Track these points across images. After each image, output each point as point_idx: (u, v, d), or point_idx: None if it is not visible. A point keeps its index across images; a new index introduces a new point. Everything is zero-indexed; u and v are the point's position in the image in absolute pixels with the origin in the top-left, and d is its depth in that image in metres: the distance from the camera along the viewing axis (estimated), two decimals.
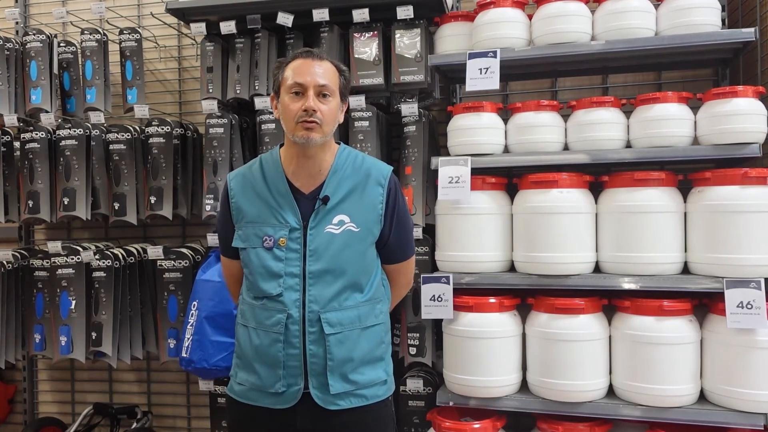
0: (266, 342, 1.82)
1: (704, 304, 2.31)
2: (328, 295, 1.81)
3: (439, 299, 2.42)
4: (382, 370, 1.90)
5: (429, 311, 2.44)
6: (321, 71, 1.80)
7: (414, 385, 2.69)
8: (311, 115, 1.76)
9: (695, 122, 2.36)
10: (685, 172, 2.40)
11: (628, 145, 2.44)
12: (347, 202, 1.84)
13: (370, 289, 1.89)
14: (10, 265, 3.04)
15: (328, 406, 1.80)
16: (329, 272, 1.81)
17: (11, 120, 2.94)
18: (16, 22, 3.44)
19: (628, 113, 2.46)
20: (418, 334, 2.64)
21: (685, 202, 2.35)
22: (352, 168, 1.88)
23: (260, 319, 1.84)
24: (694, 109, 2.38)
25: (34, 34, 3.01)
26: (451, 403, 2.44)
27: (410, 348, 2.65)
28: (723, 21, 2.51)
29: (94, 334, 2.88)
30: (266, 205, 1.85)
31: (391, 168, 1.94)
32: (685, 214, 2.34)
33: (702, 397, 2.28)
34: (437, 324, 2.62)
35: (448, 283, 2.41)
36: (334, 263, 1.81)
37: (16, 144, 3.06)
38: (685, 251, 2.34)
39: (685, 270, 2.35)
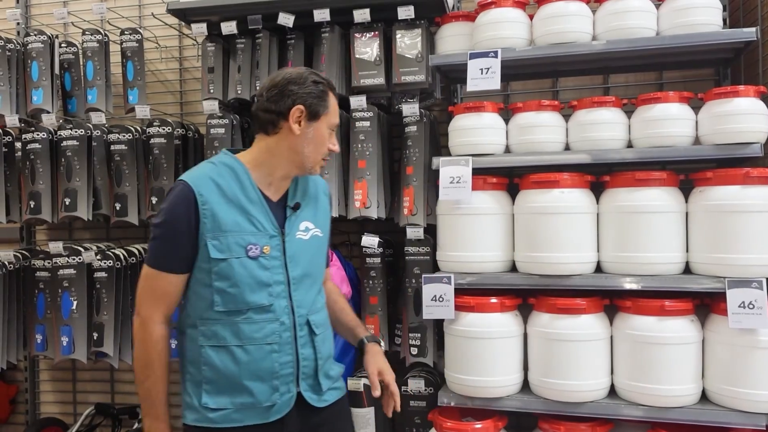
0: (259, 356, 1.77)
1: (706, 304, 2.31)
2: (309, 299, 1.87)
3: (441, 299, 2.42)
4: (336, 365, 2.01)
5: (430, 311, 2.44)
6: None
7: (415, 385, 2.68)
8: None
9: (696, 122, 2.36)
10: (687, 171, 2.40)
11: (630, 145, 2.44)
12: (307, 209, 1.91)
13: (323, 291, 2.00)
14: (12, 265, 3.04)
15: (320, 404, 1.86)
16: (307, 276, 1.86)
17: (12, 120, 2.95)
18: (18, 23, 3.44)
19: (629, 113, 2.46)
20: (419, 335, 2.64)
21: (686, 202, 2.34)
22: (302, 178, 1.93)
23: (247, 333, 1.76)
24: (696, 108, 2.38)
25: (35, 35, 3.01)
26: (452, 404, 2.44)
27: (411, 348, 2.65)
28: (724, 21, 2.51)
29: (95, 335, 2.88)
30: (242, 212, 1.78)
31: None
32: (687, 214, 2.34)
33: (704, 397, 2.27)
34: (438, 324, 2.62)
35: (450, 283, 2.41)
36: (309, 267, 1.87)
37: (18, 145, 3.06)
38: (687, 251, 2.33)
39: (687, 270, 2.35)
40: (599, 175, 2.44)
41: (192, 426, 1.82)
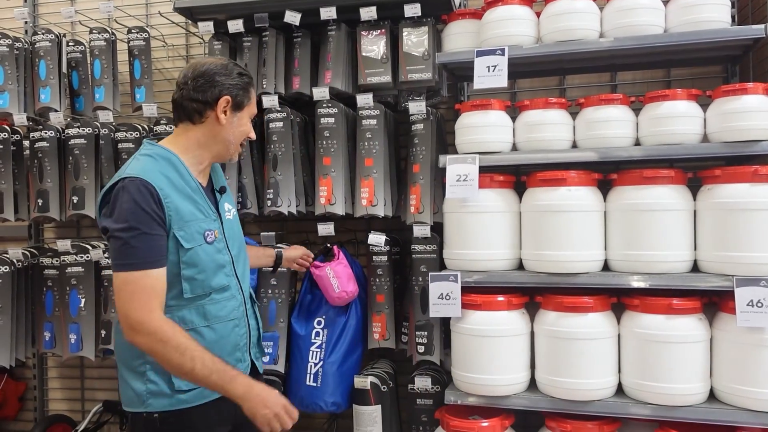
0: (225, 332, 1.89)
1: (714, 303, 2.30)
2: (246, 273, 2.04)
3: (447, 297, 2.42)
4: None
5: (437, 309, 2.44)
6: None
7: (422, 383, 2.68)
8: None
9: (705, 119, 2.35)
10: (695, 169, 2.39)
11: (637, 143, 2.43)
12: (224, 192, 2.04)
13: None
14: (20, 263, 3.06)
15: (261, 370, 2.07)
16: (241, 252, 2.03)
17: (20, 119, 2.96)
18: (26, 22, 3.46)
19: (636, 111, 2.45)
20: (426, 333, 2.64)
21: (694, 199, 2.33)
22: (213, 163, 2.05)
23: (213, 313, 1.87)
24: (704, 106, 2.36)
25: (43, 34, 3.02)
26: (459, 402, 2.44)
27: (418, 346, 2.65)
28: (732, 17, 2.50)
29: (103, 332, 2.89)
30: (192, 201, 1.86)
31: None
32: (695, 212, 2.33)
33: (712, 396, 2.27)
34: (445, 322, 2.62)
35: (456, 281, 2.41)
36: (241, 244, 2.05)
37: (26, 143, 3.07)
38: (695, 249, 2.33)
39: (695, 268, 2.34)
40: (606, 173, 2.43)
41: (163, 412, 1.82)
